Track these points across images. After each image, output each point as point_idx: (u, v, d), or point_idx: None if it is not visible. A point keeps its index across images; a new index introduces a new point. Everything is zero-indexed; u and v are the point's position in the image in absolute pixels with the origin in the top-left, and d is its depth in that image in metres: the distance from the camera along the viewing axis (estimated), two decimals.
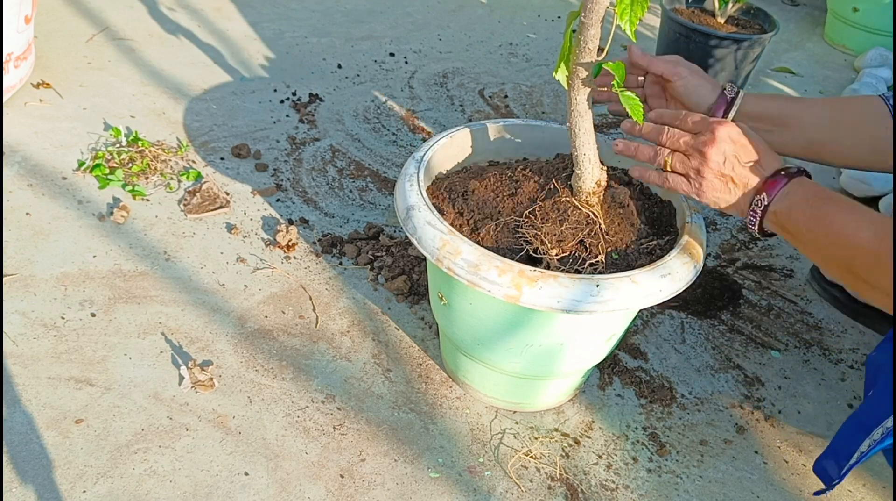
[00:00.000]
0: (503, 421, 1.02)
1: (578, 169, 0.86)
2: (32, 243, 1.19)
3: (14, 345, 1.02)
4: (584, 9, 0.75)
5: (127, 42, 1.82)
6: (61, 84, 1.60)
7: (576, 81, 0.80)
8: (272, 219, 1.32)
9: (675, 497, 0.95)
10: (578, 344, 0.89)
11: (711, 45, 1.73)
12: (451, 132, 1.01)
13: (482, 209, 0.89)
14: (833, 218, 0.74)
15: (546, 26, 2.30)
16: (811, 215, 0.75)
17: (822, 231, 0.74)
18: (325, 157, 1.51)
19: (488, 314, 0.87)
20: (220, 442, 0.94)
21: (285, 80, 1.77)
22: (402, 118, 1.69)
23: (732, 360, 1.16)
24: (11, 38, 1.42)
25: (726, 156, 0.78)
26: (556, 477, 0.95)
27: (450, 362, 1.06)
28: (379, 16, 2.20)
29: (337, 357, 1.08)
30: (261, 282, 1.19)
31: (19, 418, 0.93)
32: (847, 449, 0.74)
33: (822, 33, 2.58)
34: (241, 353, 1.06)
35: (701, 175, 0.80)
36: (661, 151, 0.83)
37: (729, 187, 0.79)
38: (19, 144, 1.40)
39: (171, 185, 1.36)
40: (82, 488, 0.86)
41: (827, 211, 0.74)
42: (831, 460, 0.77)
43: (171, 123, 1.54)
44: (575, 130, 0.83)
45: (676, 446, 1.01)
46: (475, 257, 0.80)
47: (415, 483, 0.92)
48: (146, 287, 1.14)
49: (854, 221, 0.73)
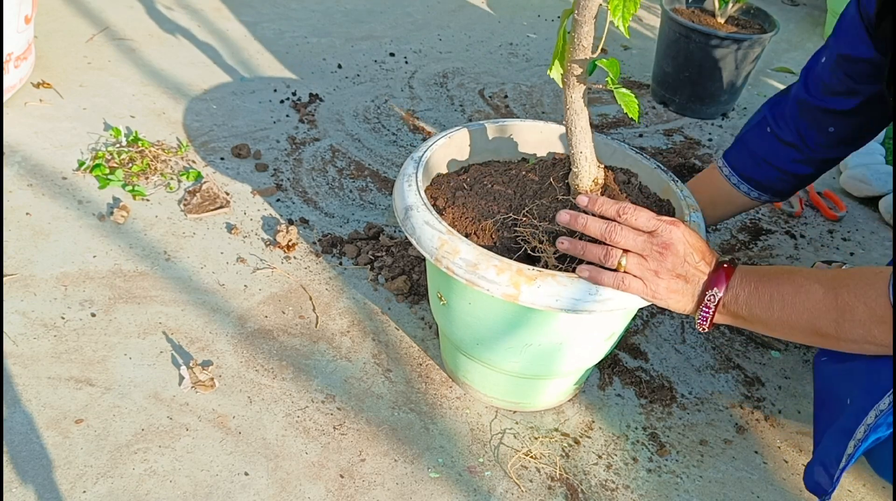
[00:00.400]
0: (503, 421, 1.02)
1: (575, 167, 0.86)
2: (32, 243, 1.19)
3: (14, 345, 1.02)
4: (577, 6, 0.75)
5: (127, 42, 1.82)
6: (61, 84, 1.60)
7: (571, 79, 0.80)
8: (272, 219, 1.32)
9: (675, 497, 0.95)
10: (578, 343, 0.89)
11: (711, 46, 1.73)
12: (449, 132, 1.01)
13: (480, 209, 0.89)
14: (781, 290, 0.76)
15: (546, 26, 2.30)
16: (759, 296, 0.76)
17: (777, 306, 0.75)
18: (325, 157, 1.51)
19: (487, 314, 0.87)
20: (220, 442, 0.94)
21: (285, 80, 1.77)
22: (402, 118, 1.69)
23: (732, 360, 1.16)
24: (11, 38, 1.42)
25: (683, 257, 0.77)
26: (556, 477, 0.95)
27: (450, 362, 1.06)
28: (379, 16, 2.20)
29: (337, 357, 1.08)
30: (261, 282, 1.19)
31: (19, 418, 0.93)
32: (834, 454, 0.74)
33: (822, 33, 2.58)
34: (241, 353, 1.06)
35: (658, 277, 0.77)
36: (613, 251, 0.78)
37: (683, 288, 0.78)
38: (19, 144, 1.40)
39: (171, 185, 1.36)
40: (82, 488, 0.86)
41: (773, 287, 0.76)
42: (820, 468, 0.76)
43: (171, 123, 1.54)
44: (571, 128, 0.83)
45: (676, 446, 1.01)
46: (473, 257, 0.80)
47: (415, 483, 0.92)
48: (146, 287, 1.14)
49: (801, 285, 0.75)
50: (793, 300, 0.75)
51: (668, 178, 0.97)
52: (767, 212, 1.53)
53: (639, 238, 0.78)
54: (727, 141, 1.78)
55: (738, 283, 0.78)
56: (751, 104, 1.98)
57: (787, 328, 0.77)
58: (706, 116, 1.88)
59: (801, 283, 0.75)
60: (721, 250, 1.39)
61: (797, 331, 0.76)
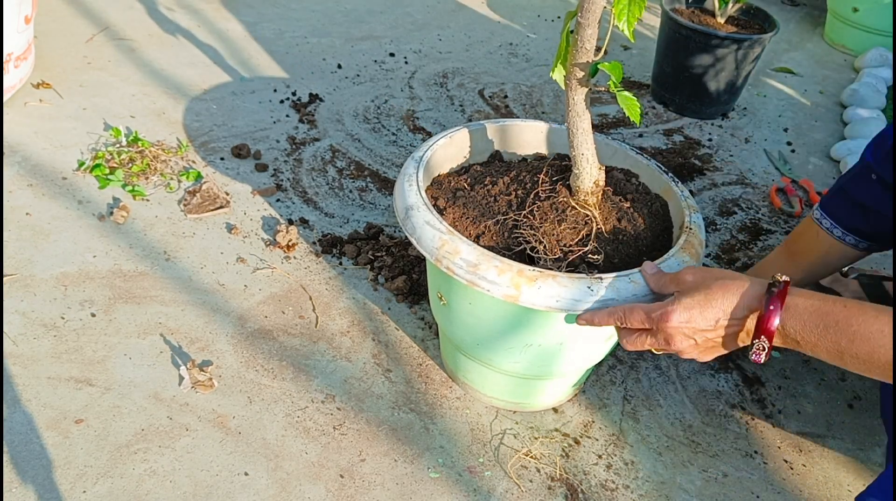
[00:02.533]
0: (503, 421, 1.02)
1: (577, 169, 0.86)
2: (32, 243, 1.19)
3: (14, 345, 1.02)
4: (581, 9, 0.75)
5: (127, 42, 1.82)
6: (61, 84, 1.60)
7: (573, 82, 0.80)
8: (272, 219, 1.32)
9: (676, 497, 0.95)
10: (578, 344, 0.89)
11: (711, 46, 1.72)
12: (450, 132, 1.01)
13: (481, 209, 0.89)
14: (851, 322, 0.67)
15: (546, 26, 2.30)
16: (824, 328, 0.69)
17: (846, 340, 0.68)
18: (325, 157, 1.51)
19: (488, 314, 0.87)
20: (220, 442, 0.94)
21: (285, 80, 1.77)
22: (402, 118, 1.69)
23: (732, 360, 1.16)
24: (11, 38, 1.42)
25: (691, 337, 0.73)
26: (556, 477, 0.95)
27: (450, 362, 1.06)
28: (379, 16, 2.20)
29: (337, 357, 1.08)
30: (261, 282, 1.19)
31: (19, 418, 0.93)
32: None
33: (822, 33, 2.58)
34: (241, 353, 1.06)
35: (685, 354, 0.76)
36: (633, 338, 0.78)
37: (715, 349, 0.75)
38: (19, 144, 1.40)
39: (171, 185, 1.36)
40: (82, 488, 0.86)
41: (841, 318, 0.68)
42: (877, 500, 0.75)
43: (171, 123, 1.54)
44: (573, 130, 0.83)
45: (676, 446, 1.01)
46: (474, 257, 0.80)
47: (415, 483, 0.92)
48: (146, 287, 1.14)
49: (871, 317, 0.67)
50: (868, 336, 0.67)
51: (669, 178, 0.97)
52: (767, 212, 1.53)
53: (647, 341, 0.76)
54: (727, 141, 1.78)
55: (793, 310, 0.70)
56: (751, 104, 1.98)
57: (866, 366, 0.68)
58: (706, 116, 1.87)
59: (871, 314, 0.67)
60: (721, 250, 1.39)
61: (875, 369, 0.68)
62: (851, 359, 0.68)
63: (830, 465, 1.02)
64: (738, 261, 1.37)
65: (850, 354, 0.67)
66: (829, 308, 0.68)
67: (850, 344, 0.67)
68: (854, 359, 0.68)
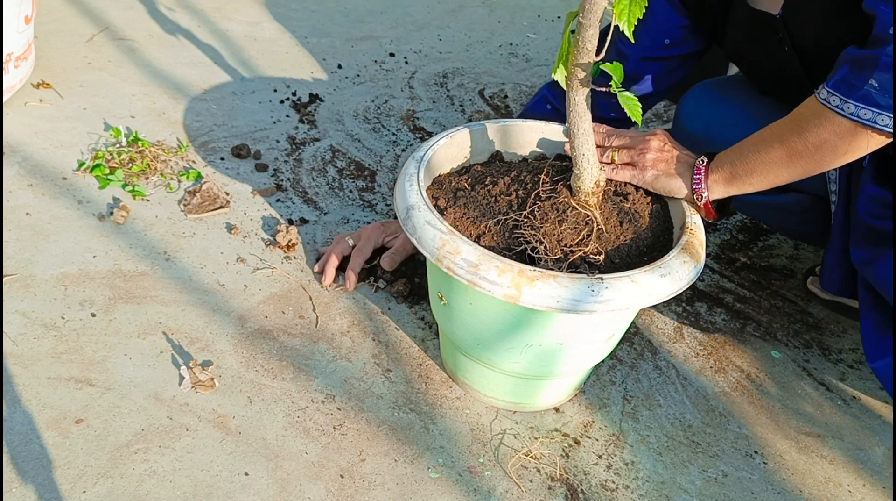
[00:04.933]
0: (503, 421, 1.02)
1: (577, 169, 0.86)
2: (32, 243, 1.19)
3: (14, 345, 1.02)
4: (582, 9, 0.75)
5: (127, 42, 1.82)
6: (61, 84, 1.60)
7: (574, 82, 0.80)
8: (272, 219, 1.32)
9: (675, 497, 0.95)
10: (578, 344, 0.89)
11: None
12: (451, 132, 1.01)
13: (482, 209, 0.90)
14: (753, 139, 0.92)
15: (546, 26, 2.30)
16: (740, 150, 0.92)
17: (752, 147, 0.91)
18: (325, 157, 1.51)
19: (488, 314, 0.87)
20: (221, 442, 0.94)
21: (285, 80, 1.77)
22: (402, 118, 1.69)
23: (732, 360, 1.16)
24: (11, 38, 1.42)
25: (664, 142, 0.96)
26: (557, 477, 0.95)
27: (450, 362, 1.06)
28: (379, 16, 2.20)
29: (337, 357, 1.08)
30: (261, 282, 1.19)
31: (19, 418, 0.93)
32: None
33: None
34: (241, 353, 1.06)
35: (644, 154, 0.94)
36: (606, 151, 0.97)
37: (670, 164, 0.94)
38: (19, 144, 1.40)
39: (171, 185, 1.36)
40: (82, 488, 0.86)
41: (751, 150, 0.92)
42: None
43: (171, 123, 1.54)
44: (574, 131, 0.83)
45: (676, 446, 1.02)
46: (475, 257, 0.80)
47: (415, 483, 0.92)
48: (146, 287, 1.14)
49: (762, 136, 0.91)
50: (764, 137, 0.91)
51: None
52: None
53: (625, 140, 0.97)
54: None
55: (719, 157, 0.94)
56: None
57: (769, 163, 0.90)
58: None
59: (761, 135, 0.91)
60: (721, 250, 1.39)
61: (777, 163, 0.89)
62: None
63: (830, 465, 1.02)
64: (738, 261, 1.37)
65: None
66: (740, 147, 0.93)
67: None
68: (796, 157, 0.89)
